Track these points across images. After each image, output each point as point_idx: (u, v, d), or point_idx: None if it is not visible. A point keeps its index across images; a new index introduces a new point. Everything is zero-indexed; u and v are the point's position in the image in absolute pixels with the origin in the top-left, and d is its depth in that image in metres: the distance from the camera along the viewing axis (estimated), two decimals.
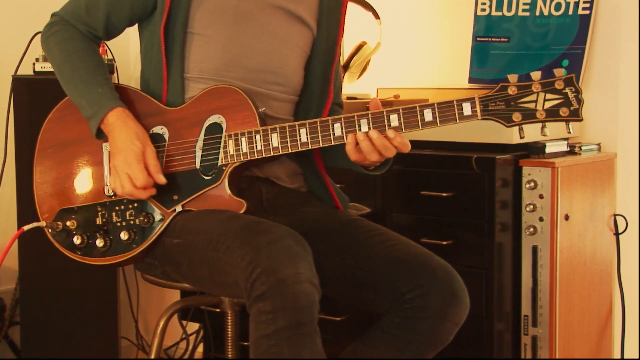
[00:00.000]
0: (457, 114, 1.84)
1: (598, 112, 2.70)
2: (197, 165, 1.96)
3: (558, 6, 2.74)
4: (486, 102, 1.84)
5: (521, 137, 1.87)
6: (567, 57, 2.71)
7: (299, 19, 2.07)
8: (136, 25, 2.08)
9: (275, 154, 1.91)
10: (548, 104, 1.82)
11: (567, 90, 1.81)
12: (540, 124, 1.86)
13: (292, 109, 2.10)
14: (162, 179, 1.93)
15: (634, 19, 2.67)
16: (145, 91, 2.03)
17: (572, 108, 1.82)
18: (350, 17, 2.24)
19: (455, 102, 1.84)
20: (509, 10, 2.84)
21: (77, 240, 1.99)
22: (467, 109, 1.84)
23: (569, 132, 1.86)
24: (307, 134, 1.90)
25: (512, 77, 1.84)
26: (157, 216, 1.95)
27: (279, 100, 2.04)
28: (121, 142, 1.92)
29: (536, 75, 1.83)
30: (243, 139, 1.93)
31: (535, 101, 1.82)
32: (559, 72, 1.83)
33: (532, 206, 2.40)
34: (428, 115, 1.85)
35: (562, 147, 2.51)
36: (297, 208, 2.07)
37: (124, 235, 1.96)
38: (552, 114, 1.82)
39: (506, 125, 1.84)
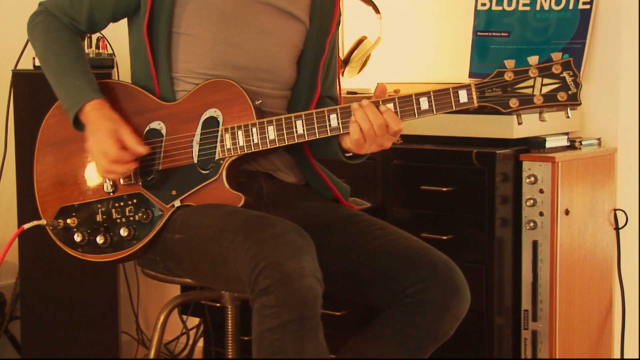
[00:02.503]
0: (453, 101, 1.82)
1: (598, 106, 2.70)
2: (195, 160, 1.95)
3: (558, 1, 2.74)
4: (482, 88, 1.81)
5: (519, 123, 1.84)
6: (567, 51, 2.71)
7: (289, 14, 2.06)
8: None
9: (272, 147, 1.91)
10: (545, 89, 1.78)
11: (564, 74, 1.78)
12: (538, 111, 1.83)
13: (286, 103, 2.10)
14: (141, 149, 1.92)
15: (634, 13, 2.67)
16: None
17: (570, 92, 1.78)
18: (350, 11, 2.24)
19: (451, 89, 1.82)
20: (510, 4, 2.84)
21: (77, 237, 1.99)
22: (463, 95, 1.82)
23: (568, 117, 1.82)
24: (303, 126, 1.89)
25: (509, 63, 1.81)
26: (157, 212, 1.95)
27: (271, 97, 2.04)
28: (92, 126, 1.93)
29: (533, 59, 1.80)
30: (239, 132, 1.92)
31: (533, 86, 1.79)
32: (557, 55, 1.79)
33: (532, 201, 2.40)
34: (424, 103, 1.84)
35: (563, 141, 2.51)
36: (298, 202, 2.07)
37: (123, 232, 1.96)
38: (550, 99, 1.79)
39: (503, 111, 1.81)
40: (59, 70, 1.99)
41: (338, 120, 1.88)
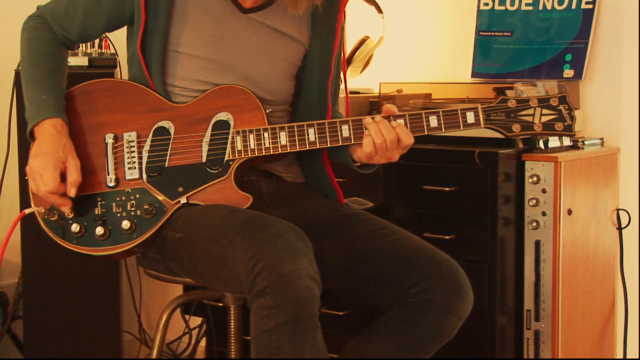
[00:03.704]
0: (461, 122, 1.95)
1: (601, 106, 2.70)
2: (204, 159, 1.96)
3: (561, 0, 2.74)
4: (488, 112, 1.95)
5: (520, 148, 2.04)
6: (570, 51, 2.71)
7: (284, 34, 2.07)
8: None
9: (283, 152, 1.93)
10: (544, 118, 1.95)
11: (561, 107, 1.95)
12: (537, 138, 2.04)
13: (286, 114, 2.11)
14: (72, 192, 1.92)
15: (636, 13, 2.66)
16: None
17: (565, 124, 1.94)
18: (353, 11, 2.24)
19: (459, 110, 1.94)
20: (512, 4, 2.84)
21: (75, 227, 1.97)
22: (470, 117, 1.95)
23: (562, 145, 2.03)
24: (315, 134, 1.93)
25: (510, 93, 2.00)
26: (161, 207, 1.96)
27: (270, 111, 2.05)
28: (46, 148, 1.92)
29: (531, 91, 2.04)
30: (251, 136, 1.94)
31: (533, 115, 1.95)
32: (553, 90, 2.00)
33: (534, 201, 2.40)
34: (433, 121, 1.95)
35: (565, 141, 2.50)
36: (298, 201, 2.08)
37: (125, 225, 1.95)
38: (548, 128, 1.95)
39: (506, 135, 1.96)
40: (31, 79, 2.00)
41: (350, 131, 1.93)
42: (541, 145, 1.98)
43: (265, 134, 1.94)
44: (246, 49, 2.03)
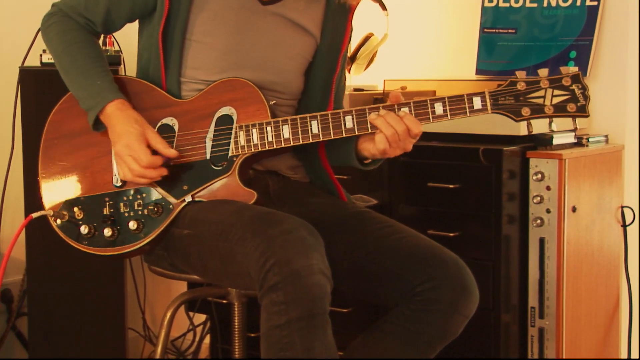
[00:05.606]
0: (467, 108, 1.88)
1: (606, 103, 2.69)
2: (208, 156, 1.96)
3: None
4: (496, 96, 1.87)
5: (530, 132, 1.91)
6: (574, 48, 2.71)
7: (301, 27, 2.06)
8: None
9: (286, 145, 1.92)
10: (556, 100, 1.86)
11: (574, 87, 1.85)
12: (547, 120, 1.89)
13: (293, 110, 2.11)
14: (172, 152, 1.93)
15: None
16: None
17: (579, 104, 1.86)
18: (357, 8, 2.23)
19: (465, 96, 1.88)
20: (517, 1, 2.83)
21: (84, 229, 1.99)
22: (477, 102, 1.87)
23: (575, 128, 1.90)
24: (318, 126, 1.91)
25: (520, 74, 1.88)
26: (167, 206, 1.96)
27: (278, 105, 2.05)
28: (120, 128, 1.92)
29: (543, 72, 1.87)
30: (254, 130, 1.93)
31: (544, 97, 1.86)
32: (566, 69, 1.86)
33: (539, 198, 2.39)
34: (439, 108, 1.89)
35: (570, 138, 2.51)
36: (305, 199, 2.08)
37: (132, 225, 1.96)
38: (560, 110, 1.86)
39: (515, 120, 1.88)
40: (78, 71, 1.98)
41: (353, 121, 1.90)
42: (554, 127, 1.87)
43: (269, 128, 1.93)
44: (263, 41, 2.02)
